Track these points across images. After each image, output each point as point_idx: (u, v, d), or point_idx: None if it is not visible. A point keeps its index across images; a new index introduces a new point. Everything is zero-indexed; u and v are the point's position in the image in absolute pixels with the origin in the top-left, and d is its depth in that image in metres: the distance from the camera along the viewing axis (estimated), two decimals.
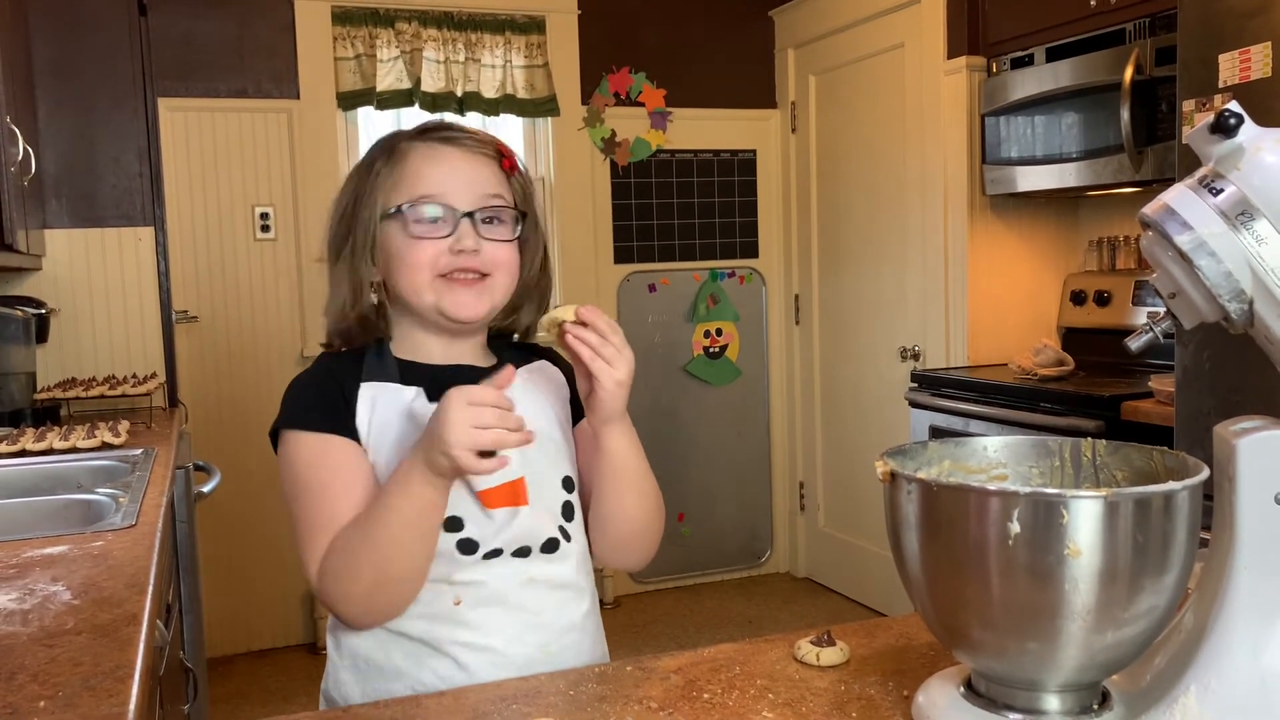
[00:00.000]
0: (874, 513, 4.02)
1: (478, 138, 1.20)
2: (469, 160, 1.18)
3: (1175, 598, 0.83)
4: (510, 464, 1.10)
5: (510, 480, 1.13)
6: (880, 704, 0.96)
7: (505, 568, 1.13)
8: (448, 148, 1.18)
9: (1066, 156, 3.11)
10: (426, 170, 1.16)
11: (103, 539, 1.55)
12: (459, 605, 1.12)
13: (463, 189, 1.15)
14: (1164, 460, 0.90)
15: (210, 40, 3.67)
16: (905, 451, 0.95)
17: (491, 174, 1.19)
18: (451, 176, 1.16)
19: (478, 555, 1.12)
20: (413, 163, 1.17)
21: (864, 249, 4.05)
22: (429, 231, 1.14)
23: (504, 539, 1.13)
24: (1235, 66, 2.18)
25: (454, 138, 1.19)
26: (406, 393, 1.16)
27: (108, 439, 2.37)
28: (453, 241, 1.14)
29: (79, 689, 0.98)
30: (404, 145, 1.18)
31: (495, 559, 1.13)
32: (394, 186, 1.16)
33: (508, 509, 1.13)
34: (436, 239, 1.14)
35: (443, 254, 1.14)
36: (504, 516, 1.13)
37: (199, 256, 3.72)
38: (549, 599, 1.16)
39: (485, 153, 1.19)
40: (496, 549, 1.13)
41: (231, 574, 3.73)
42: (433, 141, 1.18)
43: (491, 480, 1.11)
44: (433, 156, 1.17)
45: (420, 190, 1.15)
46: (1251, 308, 0.81)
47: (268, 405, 4.02)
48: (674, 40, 4.29)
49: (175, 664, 1.88)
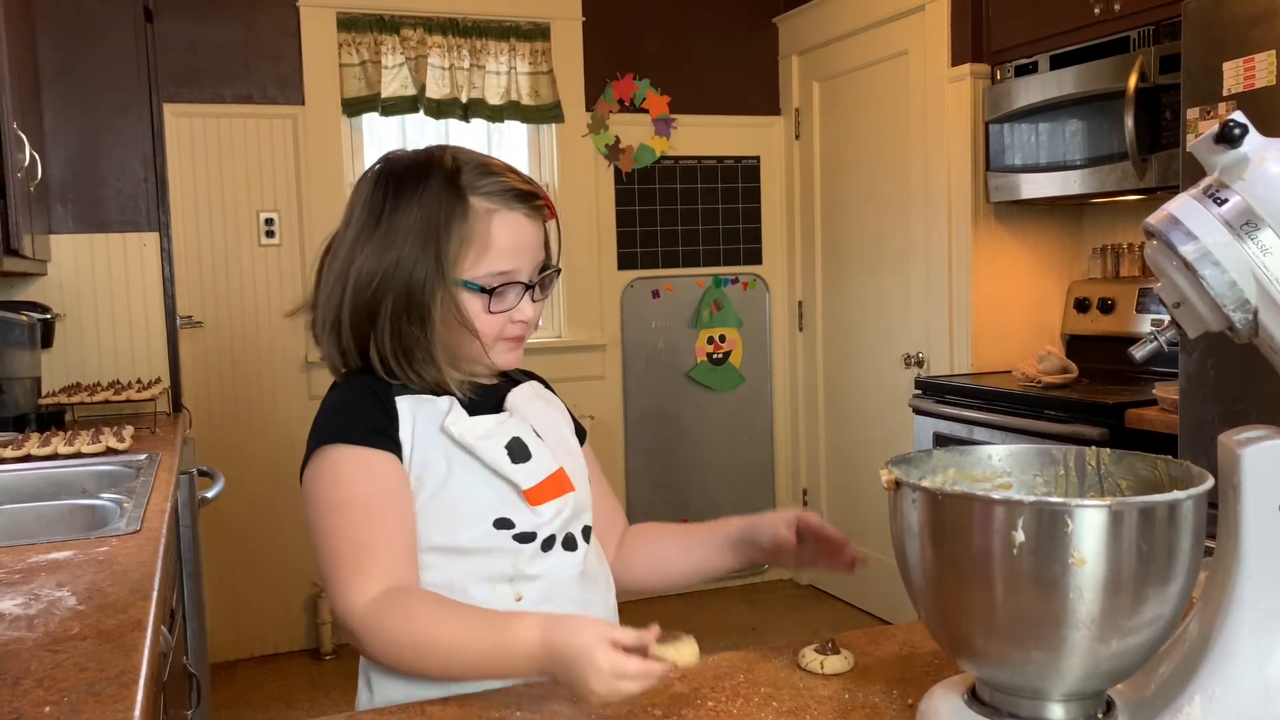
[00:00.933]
0: (877, 520, 4.01)
1: (540, 198, 1.20)
2: (533, 228, 1.19)
3: (1180, 607, 0.83)
4: (547, 458, 1.18)
5: (552, 472, 1.18)
6: (884, 712, 0.96)
7: (560, 559, 1.17)
8: (523, 219, 1.17)
9: (1070, 164, 3.11)
10: (508, 245, 1.16)
11: (107, 544, 1.55)
12: (520, 601, 1.13)
13: (529, 261, 1.18)
14: (1168, 469, 0.90)
15: (216, 46, 3.68)
16: (910, 460, 0.95)
17: (543, 233, 1.21)
18: (524, 251, 1.18)
19: (536, 544, 1.15)
20: (495, 233, 1.15)
21: (867, 255, 4.05)
22: (504, 305, 1.17)
23: (555, 527, 1.17)
24: (1239, 75, 2.18)
25: (533, 205, 1.18)
26: (441, 403, 1.16)
27: (112, 444, 2.38)
28: (515, 312, 1.18)
29: (84, 694, 0.98)
30: (476, 204, 1.14)
31: (550, 551, 1.16)
32: (476, 256, 1.14)
33: (553, 503, 1.17)
34: (504, 312, 1.17)
35: (505, 324, 1.18)
36: (550, 510, 1.17)
37: (204, 262, 3.72)
38: (592, 590, 1.20)
39: (543, 214, 1.21)
40: (550, 536, 1.16)
41: (235, 579, 3.73)
42: (505, 208, 1.16)
43: (537, 476, 1.16)
44: (512, 228, 1.16)
45: (501, 268, 1.16)
46: (1256, 317, 0.81)
47: (272, 411, 4.04)
48: (678, 47, 4.30)
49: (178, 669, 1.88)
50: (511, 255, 1.16)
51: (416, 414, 1.14)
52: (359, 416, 1.13)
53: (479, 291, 1.15)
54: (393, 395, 1.15)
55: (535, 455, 1.17)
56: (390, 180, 1.17)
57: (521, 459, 1.16)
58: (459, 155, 1.18)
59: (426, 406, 1.15)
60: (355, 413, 1.14)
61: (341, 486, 1.10)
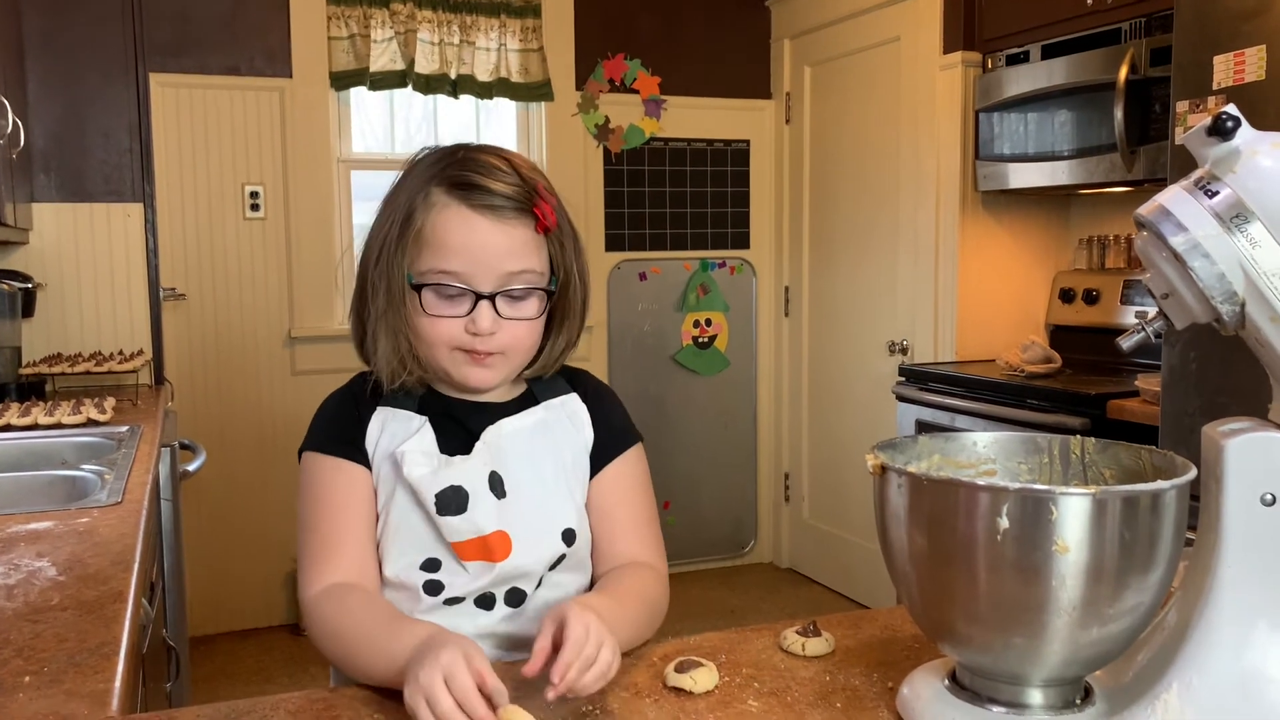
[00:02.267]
0: (858, 505, 4.04)
1: (515, 199, 1.10)
2: (499, 231, 1.09)
3: (1160, 596, 0.84)
4: (485, 517, 1.11)
5: (484, 534, 1.11)
6: (865, 695, 0.97)
7: (461, 618, 1.12)
8: (479, 218, 1.09)
9: (1059, 154, 3.12)
10: (451, 243, 1.09)
11: (88, 515, 1.55)
12: None
13: (486, 269, 1.09)
14: (1152, 459, 0.91)
15: (203, 17, 3.64)
16: (896, 445, 0.95)
17: (521, 244, 1.11)
18: (477, 255, 1.09)
19: (439, 599, 1.12)
20: (441, 227, 1.09)
21: (855, 242, 4.05)
22: (446, 310, 1.10)
23: (469, 589, 1.12)
24: (1230, 69, 2.19)
25: (490, 205, 1.09)
26: (414, 422, 1.15)
27: (93, 415, 2.36)
28: (468, 322, 1.10)
29: (64, 665, 0.98)
30: (438, 195, 1.10)
31: (457, 605, 1.13)
32: (420, 249, 1.10)
33: (479, 564, 1.12)
34: (452, 318, 1.10)
35: (458, 332, 1.10)
36: (477, 569, 1.12)
37: (188, 234, 3.69)
38: (504, 649, 1.15)
39: (521, 220, 1.10)
40: (458, 597, 1.13)
41: (215, 553, 3.72)
42: (464, 206, 1.09)
43: (463, 533, 1.11)
44: (461, 226, 1.09)
45: (441, 264, 1.09)
46: (1243, 310, 0.81)
47: (254, 385, 4.03)
48: (670, 28, 4.28)
49: (158, 642, 1.88)
50: (456, 256, 1.08)
51: (384, 429, 1.15)
52: (334, 428, 1.17)
53: (414, 288, 1.10)
54: (373, 405, 1.16)
55: (472, 509, 1.10)
56: (406, 168, 1.16)
57: (451, 511, 1.10)
58: (469, 148, 1.14)
59: (396, 424, 1.15)
60: (332, 425, 1.17)
61: (315, 489, 1.15)
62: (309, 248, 3.78)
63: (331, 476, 1.14)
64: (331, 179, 3.81)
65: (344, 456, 1.14)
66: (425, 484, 1.11)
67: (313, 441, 1.17)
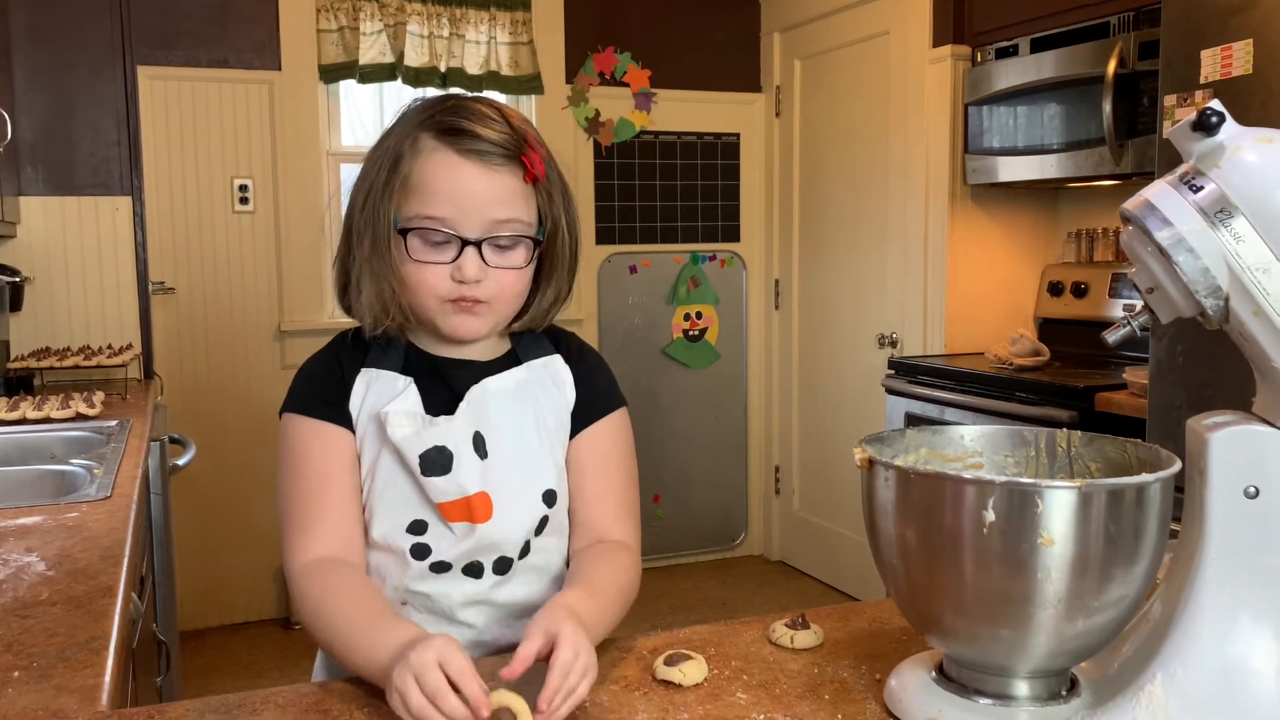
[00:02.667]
0: (848, 497, 4.05)
1: (504, 146, 1.09)
2: (485, 178, 1.09)
3: (1144, 588, 0.84)
4: (469, 478, 1.11)
5: (467, 495, 1.11)
6: (853, 687, 0.97)
7: (450, 585, 1.13)
8: (467, 163, 1.09)
9: (1048, 148, 3.13)
10: (439, 187, 1.09)
11: (77, 510, 1.54)
12: (405, 606, 1.14)
13: (472, 215, 1.09)
14: (1137, 452, 0.91)
15: (192, 9, 3.62)
16: (883, 438, 0.96)
17: (508, 192, 1.10)
18: (463, 199, 1.08)
19: (425, 564, 1.12)
20: (428, 174, 1.09)
21: (845, 235, 4.06)
22: (432, 256, 1.10)
23: (456, 553, 1.12)
24: (1217, 63, 2.20)
25: (476, 150, 1.09)
26: (399, 382, 1.15)
27: (82, 410, 2.36)
28: (454, 269, 1.09)
29: (54, 660, 0.98)
30: (426, 141, 1.10)
31: (445, 573, 1.13)
32: (407, 195, 1.10)
33: (464, 524, 1.12)
34: (439, 264, 1.10)
35: (444, 280, 1.10)
36: (462, 530, 1.12)
37: (177, 227, 3.68)
38: (492, 617, 1.15)
39: (509, 168, 1.10)
40: (445, 563, 1.13)
41: (205, 548, 3.72)
42: (452, 149, 1.09)
43: (448, 494, 1.11)
44: (448, 171, 1.09)
45: (428, 210, 1.09)
46: (1227, 304, 0.82)
47: (244, 378, 4.02)
48: (660, 21, 4.28)
49: (148, 636, 1.87)
50: (443, 202, 1.08)
51: (369, 391, 1.14)
52: (317, 389, 1.15)
53: (400, 233, 1.10)
54: (357, 367, 1.15)
55: (456, 470, 1.11)
56: (397, 115, 1.16)
57: (436, 472, 1.10)
58: (461, 96, 1.14)
59: (381, 385, 1.15)
60: (314, 385, 1.16)
61: (298, 454, 1.13)
62: (298, 241, 3.77)
63: (313, 441, 1.13)
64: (321, 172, 3.79)
65: (326, 419, 1.13)
66: (409, 445, 1.11)
67: (294, 403, 1.15)
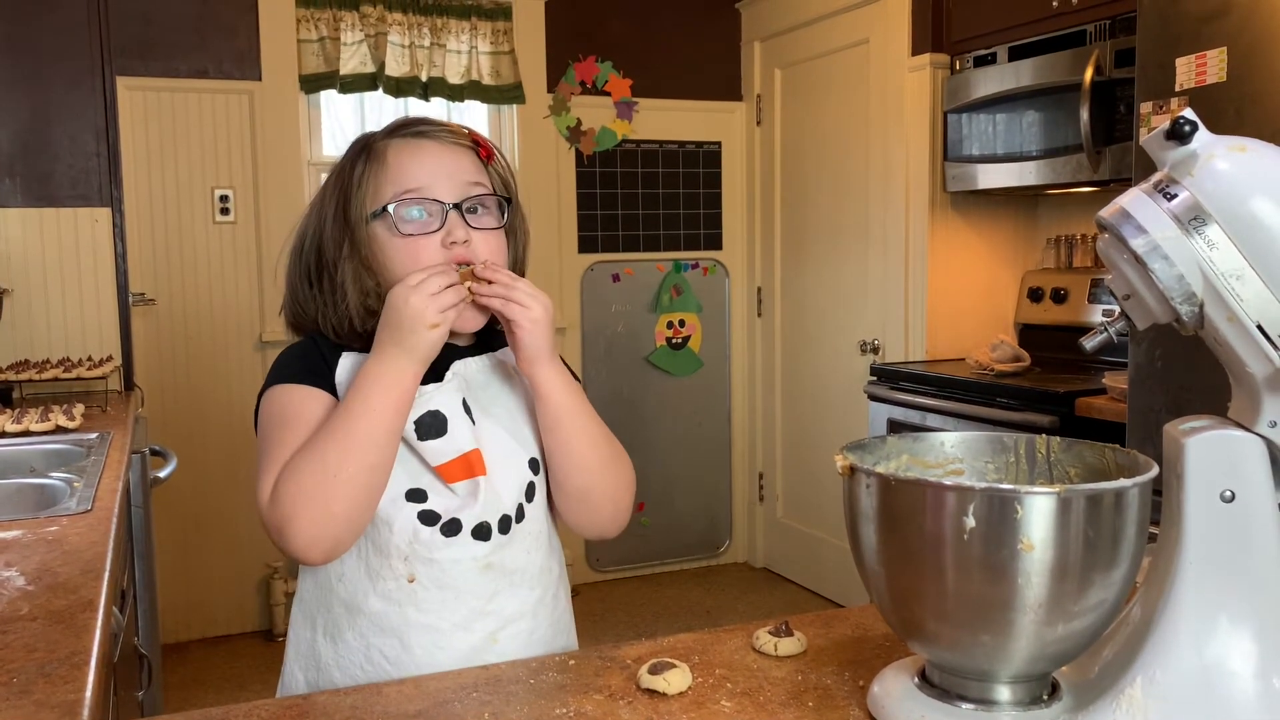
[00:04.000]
0: (832, 504, 4.06)
1: (452, 129, 1.20)
2: (447, 152, 1.18)
3: (1124, 592, 0.85)
4: (463, 437, 1.13)
5: (464, 453, 1.14)
6: (836, 694, 0.98)
7: (463, 550, 1.13)
8: (424, 141, 1.18)
9: (1026, 155, 3.15)
10: (406, 166, 1.16)
11: (57, 524, 1.53)
12: (413, 583, 1.12)
13: (445, 181, 1.16)
14: (1116, 458, 0.92)
15: (171, 19, 3.62)
16: (864, 446, 0.96)
17: (471, 164, 1.19)
18: (432, 170, 1.16)
19: (437, 527, 1.12)
20: (392, 160, 1.16)
21: (826, 243, 4.08)
22: (419, 228, 1.14)
23: (466, 513, 1.13)
24: (1191, 70, 2.22)
25: (429, 131, 1.19)
26: None
27: (62, 422, 2.34)
28: (443, 235, 1.14)
29: (34, 675, 0.97)
30: (379, 144, 1.18)
31: (455, 537, 1.13)
32: (376, 187, 1.16)
33: (468, 482, 1.13)
34: (427, 234, 1.14)
35: (435, 249, 1.14)
36: (465, 490, 1.14)
37: (157, 238, 3.67)
38: (500, 584, 1.16)
39: (462, 143, 1.20)
40: (455, 521, 1.13)
41: (187, 560, 3.69)
42: (408, 137, 1.18)
43: (446, 455, 1.13)
44: (411, 152, 1.17)
45: (403, 186, 1.15)
46: (1202, 310, 0.83)
47: (225, 390, 4.00)
48: (641, 30, 4.29)
49: (130, 650, 1.86)
50: (416, 174, 1.15)
51: (353, 369, 1.15)
52: (299, 364, 1.17)
53: (383, 214, 1.14)
54: (338, 353, 1.17)
55: (451, 432, 1.13)
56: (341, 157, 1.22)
57: (432, 436, 1.13)
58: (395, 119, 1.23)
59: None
60: (296, 361, 1.17)
61: (286, 410, 1.13)
62: (280, 251, 3.75)
63: (300, 398, 1.13)
64: (302, 182, 3.78)
65: (313, 385, 1.14)
66: None
67: (277, 378, 1.16)
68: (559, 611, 1.23)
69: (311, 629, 1.17)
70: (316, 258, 1.18)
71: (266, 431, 1.14)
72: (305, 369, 1.16)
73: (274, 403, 1.15)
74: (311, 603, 1.17)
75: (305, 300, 1.19)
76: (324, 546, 1.06)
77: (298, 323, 1.22)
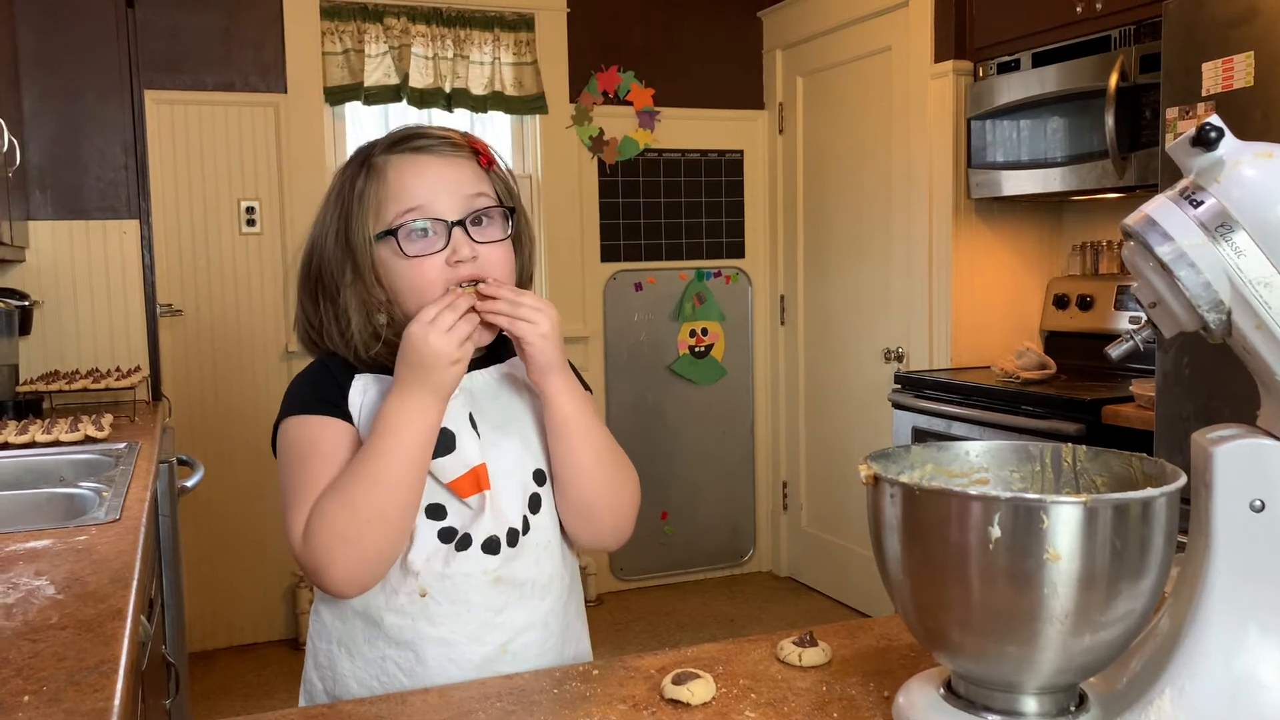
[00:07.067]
0: (856, 513, 4.04)
1: (451, 139, 1.18)
2: (448, 166, 1.16)
3: (1152, 602, 0.84)
4: (471, 452, 1.14)
5: (472, 467, 1.14)
6: (861, 705, 0.97)
7: (474, 564, 1.14)
8: (423, 156, 1.16)
9: (1051, 161, 3.13)
10: (407, 183, 1.14)
11: (86, 533, 1.55)
12: (425, 598, 1.13)
13: (446, 196, 1.14)
14: (1143, 467, 0.91)
15: (197, 33, 3.66)
16: (888, 455, 0.96)
17: (472, 174, 1.17)
18: (433, 185, 1.14)
19: (452, 544, 1.13)
20: (392, 178, 1.15)
21: (849, 251, 4.06)
22: (423, 249, 1.13)
23: (476, 527, 1.14)
24: (1218, 75, 2.20)
25: (428, 145, 1.17)
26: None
27: (91, 432, 2.37)
28: (448, 254, 1.13)
29: (64, 684, 0.98)
30: (379, 160, 1.16)
31: (465, 551, 1.13)
32: (379, 206, 1.14)
33: (477, 497, 1.14)
34: (433, 255, 1.13)
35: (440, 268, 1.13)
36: (477, 503, 1.15)
37: (184, 250, 3.70)
38: (511, 596, 1.16)
39: (461, 155, 1.18)
40: (467, 535, 1.14)
41: (214, 569, 3.72)
42: (406, 152, 1.16)
43: (456, 471, 1.14)
44: (410, 168, 1.15)
45: (405, 205, 1.13)
46: (1229, 318, 0.82)
47: (251, 400, 4.03)
48: (662, 40, 4.30)
49: (157, 658, 1.88)
50: (417, 193, 1.13)
51: (365, 393, 1.16)
52: (314, 392, 1.17)
53: (387, 237, 1.14)
54: (351, 373, 1.17)
55: (460, 448, 1.14)
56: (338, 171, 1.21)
57: (441, 453, 1.13)
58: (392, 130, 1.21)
59: (378, 386, 1.16)
60: (308, 388, 1.18)
61: (303, 442, 1.14)
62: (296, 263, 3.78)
63: (318, 430, 1.14)
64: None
65: (328, 415, 1.15)
66: None
67: (292, 408, 1.16)
68: (570, 618, 1.23)
69: (328, 641, 1.18)
70: (320, 278, 1.18)
71: (288, 466, 1.14)
72: (318, 397, 1.16)
73: (291, 436, 1.15)
74: (328, 615, 1.18)
75: (312, 318, 1.20)
76: (361, 583, 1.10)
77: (309, 340, 1.22)
